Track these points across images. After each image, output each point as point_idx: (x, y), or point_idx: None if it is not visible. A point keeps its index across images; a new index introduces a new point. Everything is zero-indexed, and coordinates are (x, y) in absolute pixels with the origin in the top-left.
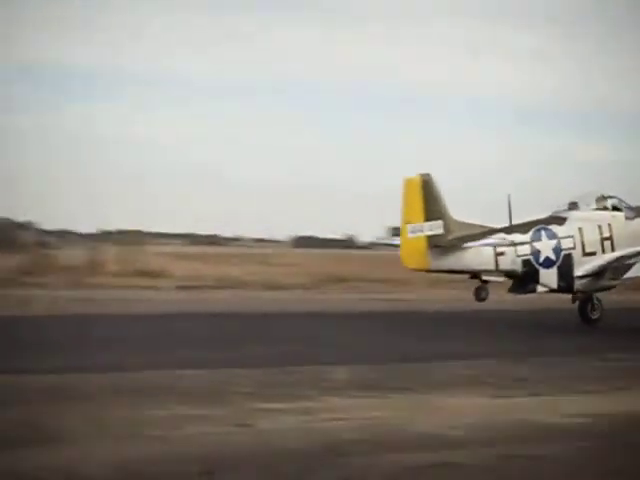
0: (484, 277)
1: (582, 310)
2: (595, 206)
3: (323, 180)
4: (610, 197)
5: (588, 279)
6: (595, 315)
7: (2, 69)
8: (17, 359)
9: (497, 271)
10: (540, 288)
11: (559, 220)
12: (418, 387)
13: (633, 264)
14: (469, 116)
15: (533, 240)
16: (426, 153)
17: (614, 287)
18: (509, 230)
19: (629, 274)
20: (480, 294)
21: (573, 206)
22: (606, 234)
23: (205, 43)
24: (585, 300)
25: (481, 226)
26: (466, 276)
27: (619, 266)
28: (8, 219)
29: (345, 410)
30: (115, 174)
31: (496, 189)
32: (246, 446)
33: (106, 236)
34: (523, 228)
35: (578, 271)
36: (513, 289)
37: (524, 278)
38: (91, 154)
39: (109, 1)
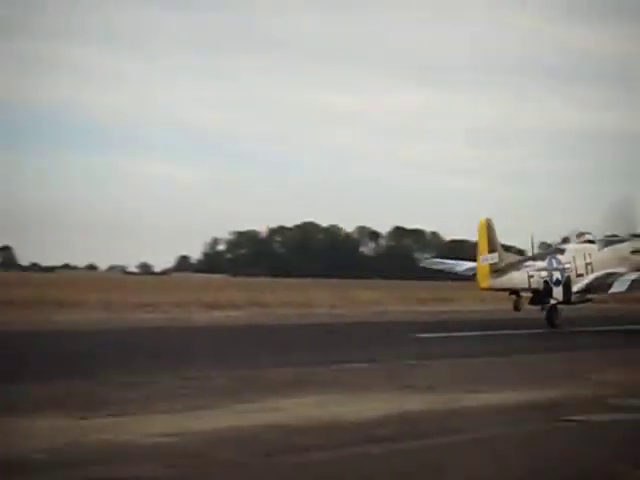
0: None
1: (549, 317)
2: (577, 240)
3: None
4: (587, 233)
5: (579, 293)
6: (557, 321)
7: None
8: None
9: (529, 289)
10: (552, 301)
11: (560, 251)
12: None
13: (611, 282)
14: None
15: (548, 266)
16: None
17: (591, 300)
18: (534, 259)
19: (613, 290)
20: (518, 305)
21: (566, 240)
22: (588, 261)
23: None
24: (550, 310)
25: (515, 256)
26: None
27: (597, 284)
28: None
29: None
30: None
31: None
32: None
33: None
34: (541, 257)
35: (574, 288)
36: (534, 302)
37: (543, 294)
38: None
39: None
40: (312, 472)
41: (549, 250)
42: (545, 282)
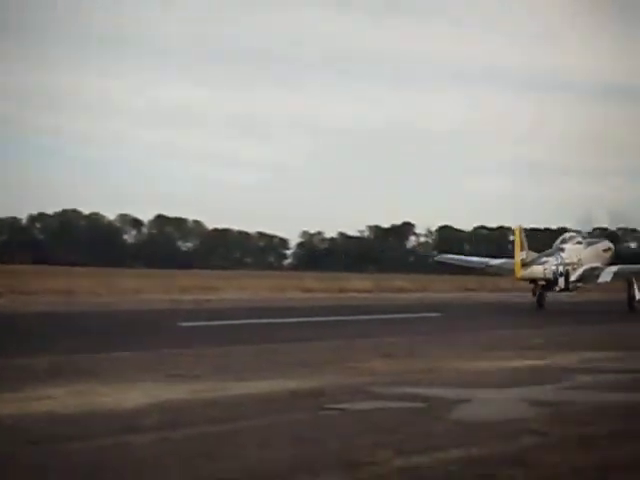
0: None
1: (539, 300)
2: (571, 242)
3: None
4: (576, 234)
5: (575, 282)
6: (544, 303)
7: None
8: None
9: (543, 279)
10: (557, 288)
11: (562, 249)
12: None
13: (597, 274)
14: None
15: (555, 261)
16: None
17: (579, 288)
18: (547, 255)
19: (600, 280)
20: (536, 292)
21: (564, 241)
22: (579, 257)
23: None
24: (540, 295)
25: (534, 253)
26: None
27: (587, 275)
28: None
29: None
30: None
31: None
32: None
33: None
34: (551, 254)
35: (571, 278)
36: (545, 289)
37: (552, 283)
38: None
39: None
40: (70, 461)
41: (554, 249)
42: (554, 273)
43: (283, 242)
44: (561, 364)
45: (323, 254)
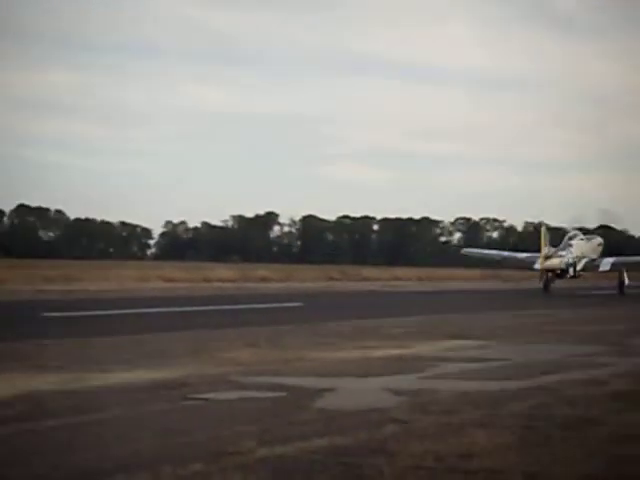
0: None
1: (545, 286)
2: (576, 239)
3: None
4: (578, 233)
5: (580, 271)
6: (550, 288)
7: None
8: None
9: (559, 269)
10: (568, 276)
11: (570, 245)
12: None
13: (597, 264)
14: None
15: (567, 254)
16: None
17: (581, 275)
18: (562, 249)
19: (600, 269)
20: (554, 280)
21: (571, 238)
22: (582, 251)
23: None
24: (547, 281)
25: (553, 248)
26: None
27: (589, 266)
28: None
29: None
30: None
31: None
32: None
33: None
34: (564, 249)
35: (578, 268)
36: (559, 277)
37: (564, 272)
38: None
39: None
40: None
41: (565, 244)
42: (566, 264)
43: (146, 232)
44: (423, 353)
45: (187, 244)
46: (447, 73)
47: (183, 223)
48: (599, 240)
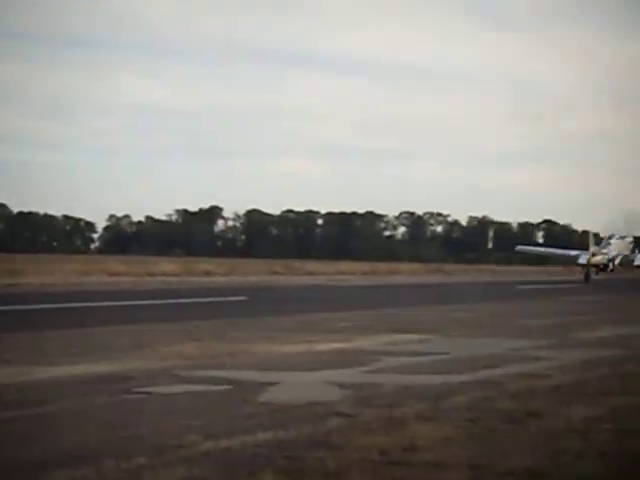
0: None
1: (586, 276)
2: (615, 238)
3: None
4: (615, 233)
5: (617, 265)
6: (590, 280)
7: None
8: None
9: (602, 264)
10: (608, 270)
11: (610, 244)
12: None
13: (632, 260)
14: None
15: (608, 252)
16: None
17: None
18: (604, 248)
19: (635, 263)
20: (598, 273)
21: (610, 238)
22: (618, 249)
23: None
24: (587, 273)
25: (597, 247)
26: None
27: (625, 261)
28: None
29: None
30: None
31: None
32: None
33: None
34: (605, 247)
35: (616, 262)
36: (601, 270)
37: (606, 266)
38: None
39: None
40: None
41: (606, 243)
42: (607, 260)
43: (90, 226)
44: (366, 347)
45: (131, 238)
46: (391, 68)
47: (127, 217)
48: (630, 239)
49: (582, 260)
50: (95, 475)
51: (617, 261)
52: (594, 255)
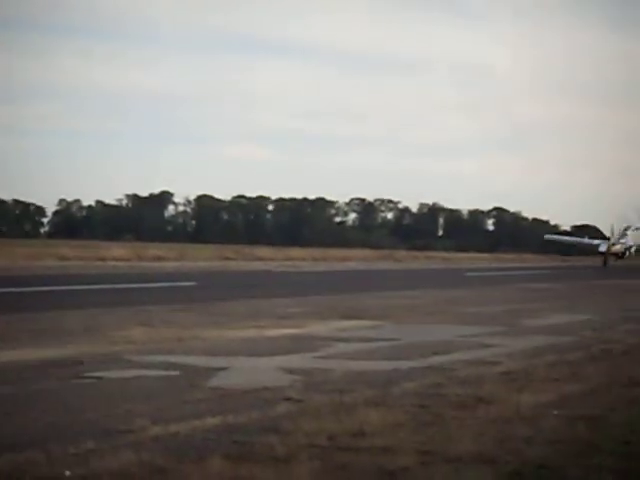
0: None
1: (605, 262)
2: (627, 230)
3: None
4: (631, 225)
5: (632, 253)
6: (608, 265)
7: None
8: None
9: (620, 252)
10: (625, 257)
11: (626, 234)
12: None
13: None
14: None
15: (625, 241)
16: None
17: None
18: (621, 237)
19: None
20: (616, 260)
21: (626, 229)
22: (634, 239)
23: None
24: (605, 260)
25: (613, 238)
26: None
27: (639, 249)
28: None
29: None
30: None
31: None
32: None
33: None
34: (622, 236)
35: (632, 250)
36: (619, 257)
37: (623, 254)
38: None
39: None
40: None
41: (622, 234)
42: (625, 248)
43: (40, 210)
44: (317, 333)
45: (81, 222)
46: (342, 54)
47: (77, 201)
48: None
49: (602, 248)
50: (42, 459)
51: (633, 249)
52: (613, 245)
